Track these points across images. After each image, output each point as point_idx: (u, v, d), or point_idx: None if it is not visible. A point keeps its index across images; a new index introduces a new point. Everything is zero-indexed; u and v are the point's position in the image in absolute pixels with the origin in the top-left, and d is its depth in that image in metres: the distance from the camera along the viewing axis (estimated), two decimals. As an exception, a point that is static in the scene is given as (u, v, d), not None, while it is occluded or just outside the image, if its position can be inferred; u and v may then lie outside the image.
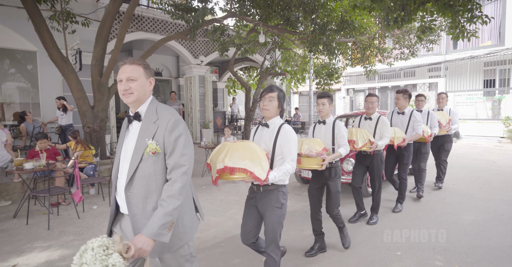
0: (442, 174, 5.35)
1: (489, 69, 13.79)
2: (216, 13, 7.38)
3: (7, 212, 4.45)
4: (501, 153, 9.02)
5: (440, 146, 5.26)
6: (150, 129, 1.51)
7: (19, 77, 7.38)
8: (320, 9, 5.64)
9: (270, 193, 2.14)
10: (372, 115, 3.78)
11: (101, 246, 1.26)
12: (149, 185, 1.49)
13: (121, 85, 1.52)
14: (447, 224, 3.75)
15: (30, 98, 7.37)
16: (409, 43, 9.07)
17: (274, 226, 2.13)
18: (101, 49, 5.92)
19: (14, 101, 7.30)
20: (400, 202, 4.32)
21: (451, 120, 5.08)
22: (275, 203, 2.13)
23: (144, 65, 1.55)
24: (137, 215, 1.49)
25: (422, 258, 2.93)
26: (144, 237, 1.38)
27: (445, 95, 5.34)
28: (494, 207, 4.33)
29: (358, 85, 18.41)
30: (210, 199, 4.98)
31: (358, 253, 3.05)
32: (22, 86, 7.39)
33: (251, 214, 2.26)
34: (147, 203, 1.49)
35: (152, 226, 1.40)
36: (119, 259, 1.24)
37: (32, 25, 5.06)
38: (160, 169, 1.51)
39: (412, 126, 4.23)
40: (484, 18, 4.39)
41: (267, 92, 2.20)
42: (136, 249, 1.35)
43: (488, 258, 2.89)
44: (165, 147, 1.50)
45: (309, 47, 6.51)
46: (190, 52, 9.42)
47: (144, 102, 1.57)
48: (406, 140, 4.01)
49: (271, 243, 2.15)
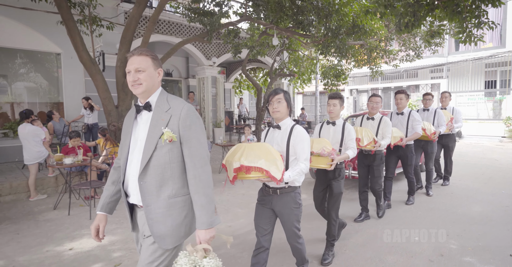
0: (448, 173, 5.55)
1: (490, 70, 14.15)
2: (230, 17, 7.70)
3: (46, 204, 4.76)
4: (503, 152, 9.35)
5: (444, 145, 5.40)
6: (163, 118, 1.50)
7: (43, 78, 7.68)
8: (334, 14, 5.96)
9: (287, 195, 2.22)
10: (374, 115, 3.85)
11: (186, 263, 1.36)
12: (164, 173, 1.50)
13: (130, 77, 1.52)
14: (457, 214, 4.08)
15: (54, 98, 7.67)
16: (414, 46, 9.40)
17: (294, 225, 2.25)
18: (126, 51, 6.21)
19: (37, 101, 7.60)
20: (412, 195, 4.58)
21: (453, 119, 5.19)
22: (293, 204, 2.22)
23: (152, 56, 1.55)
24: (151, 204, 1.50)
25: (438, 242, 3.26)
26: (204, 231, 1.48)
27: (448, 94, 5.43)
28: (499, 200, 4.66)
29: (361, 86, 18.76)
30: (233, 193, 5.30)
31: (382, 233, 3.38)
32: (46, 87, 7.70)
33: (266, 217, 2.29)
34: (162, 191, 1.50)
35: (204, 219, 1.48)
36: (210, 262, 1.38)
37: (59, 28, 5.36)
38: (176, 157, 1.52)
39: (411, 126, 4.32)
40: (490, 24, 4.72)
41: (274, 95, 2.25)
42: (208, 241, 1.48)
43: (497, 243, 3.22)
44: (180, 135, 1.51)
45: (321, 50, 6.82)
46: (203, 53, 9.74)
47: (153, 93, 1.57)
48: (404, 139, 4.10)
49: (293, 237, 2.29)
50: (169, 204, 1.51)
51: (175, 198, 1.52)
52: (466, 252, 3.03)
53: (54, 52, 7.11)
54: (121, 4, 7.72)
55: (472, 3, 4.72)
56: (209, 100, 9.95)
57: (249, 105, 22.91)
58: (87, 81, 7.39)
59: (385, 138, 3.74)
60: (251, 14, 7.40)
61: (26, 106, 7.40)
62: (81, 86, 7.35)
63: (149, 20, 5.89)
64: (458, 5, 4.78)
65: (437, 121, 4.90)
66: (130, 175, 1.55)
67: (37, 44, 6.83)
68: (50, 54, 7.32)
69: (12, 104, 7.28)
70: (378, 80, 17.75)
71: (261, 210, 2.31)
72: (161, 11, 5.88)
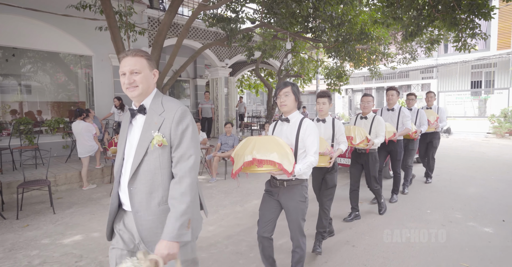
0: (430, 171, 5.66)
1: (476, 71, 15.30)
2: (245, 22, 8.39)
3: (100, 192, 5.36)
4: (489, 146, 10.39)
5: (429, 143, 5.53)
6: (156, 121, 1.45)
7: (76, 78, 8.20)
8: (346, 23, 6.74)
9: (293, 187, 2.22)
10: (367, 114, 3.92)
11: None
12: (155, 179, 1.43)
13: (124, 79, 1.45)
14: (458, 194, 4.92)
15: (85, 97, 8.20)
16: (410, 49, 10.30)
17: (299, 219, 2.24)
18: (157, 55, 6.82)
19: (69, 100, 8.11)
20: (396, 193, 4.64)
21: (439, 118, 5.32)
22: (299, 197, 2.22)
23: (147, 56, 1.49)
24: (140, 211, 1.43)
25: (446, 213, 4.07)
26: (167, 242, 1.34)
27: (433, 94, 5.55)
28: (490, 183, 5.55)
29: (356, 86, 19.73)
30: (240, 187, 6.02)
31: (398, 213, 4.17)
32: (77, 87, 8.22)
33: (271, 207, 2.30)
34: (152, 198, 1.44)
35: (171, 228, 1.36)
36: None
37: (91, 33, 5.92)
38: (166, 163, 1.45)
39: (401, 122, 4.47)
40: (483, 35, 5.58)
41: (281, 88, 2.24)
42: (164, 257, 1.32)
43: (491, 213, 4.06)
44: (171, 139, 1.44)
45: (332, 54, 7.60)
46: (216, 55, 10.39)
47: (148, 95, 1.51)
48: (396, 134, 4.23)
49: (297, 233, 2.26)
50: (160, 211, 1.44)
51: (166, 205, 1.45)
52: (469, 219, 3.86)
53: (87, 55, 7.64)
54: (145, 10, 8.30)
55: (467, 16, 5.56)
56: (222, 99, 10.61)
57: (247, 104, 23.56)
58: (115, 82, 7.95)
59: (379, 136, 3.79)
60: (269, 20, 8.10)
61: (61, 105, 7.91)
62: (110, 86, 7.91)
63: (183, 28, 6.53)
64: (455, 18, 5.61)
65: (419, 121, 5.02)
66: (124, 180, 1.49)
67: (71, 47, 7.36)
68: (84, 57, 7.86)
69: (47, 103, 7.78)
70: (372, 80, 18.74)
71: (267, 200, 2.33)
72: (194, 19, 6.53)
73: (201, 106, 10.26)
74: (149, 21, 8.65)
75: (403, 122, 4.46)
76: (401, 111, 4.49)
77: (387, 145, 4.38)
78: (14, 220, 4.03)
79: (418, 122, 5.00)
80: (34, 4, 6.35)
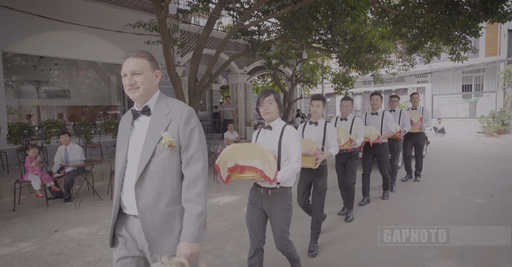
0: (418, 170, 5.95)
1: (467, 76, 16.69)
2: (265, 34, 9.52)
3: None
4: (480, 143, 11.67)
5: (415, 143, 5.77)
6: (162, 122, 1.44)
7: (120, 86, 9.24)
8: (358, 38, 7.93)
9: (278, 195, 2.21)
10: (347, 116, 4.04)
11: None
12: (163, 180, 1.42)
13: (126, 80, 1.43)
14: (456, 179, 6.10)
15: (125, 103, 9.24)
16: (408, 57, 11.57)
17: (284, 227, 2.22)
18: (196, 64, 7.92)
19: (111, 104, 9.13)
20: (386, 190, 4.89)
21: (422, 118, 5.50)
22: (284, 205, 2.21)
23: (149, 57, 1.47)
24: (147, 213, 1.41)
25: (448, 192, 5.22)
26: (188, 243, 1.38)
27: (417, 95, 5.80)
28: (481, 171, 6.75)
29: (355, 89, 20.98)
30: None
31: (404, 200, 5.31)
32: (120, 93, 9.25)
33: (258, 217, 2.28)
34: (160, 199, 1.42)
35: (192, 229, 1.38)
36: None
37: (136, 46, 6.97)
38: (175, 163, 1.44)
39: (385, 125, 4.63)
40: (473, 50, 6.82)
41: (264, 96, 2.22)
42: (188, 257, 1.36)
43: (483, 190, 5.23)
44: (180, 140, 1.43)
45: (344, 64, 8.78)
46: (236, 63, 11.51)
47: (151, 97, 1.49)
48: (380, 137, 4.39)
49: (282, 241, 2.25)
50: (168, 212, 1.43)
51: (174, 205, 1.45)
52: (466, 195, 5.02)
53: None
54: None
55: (460, 34, 6.78)
56: (242, 103, 11.70)
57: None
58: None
59: (359, 137, 3.95)
60: (288, 33, 9.25)
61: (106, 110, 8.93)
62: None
63: (221, 42, 7.64)
64: (450, 35, 6.83)
65: (402, 121, 5.21)
66: (128, 183, 1.46)
67: (117, 58, 8.41)
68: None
69: (91, 107, 8.80)
70: (371, 84, 20.04)
71: (252, 210, 2.31)
72: (232, 35, 7.65)
73: (222, 109, 11.33)
74: (181, 33, 9.73)
75: (387, 126, 4.63)
76: (385, 115, 4.67)
77: (372, 148, 4.53)
78: (109, 200, 5.06)
79: (402, 122, 5.20)
80: (94, 22, 7.40)
